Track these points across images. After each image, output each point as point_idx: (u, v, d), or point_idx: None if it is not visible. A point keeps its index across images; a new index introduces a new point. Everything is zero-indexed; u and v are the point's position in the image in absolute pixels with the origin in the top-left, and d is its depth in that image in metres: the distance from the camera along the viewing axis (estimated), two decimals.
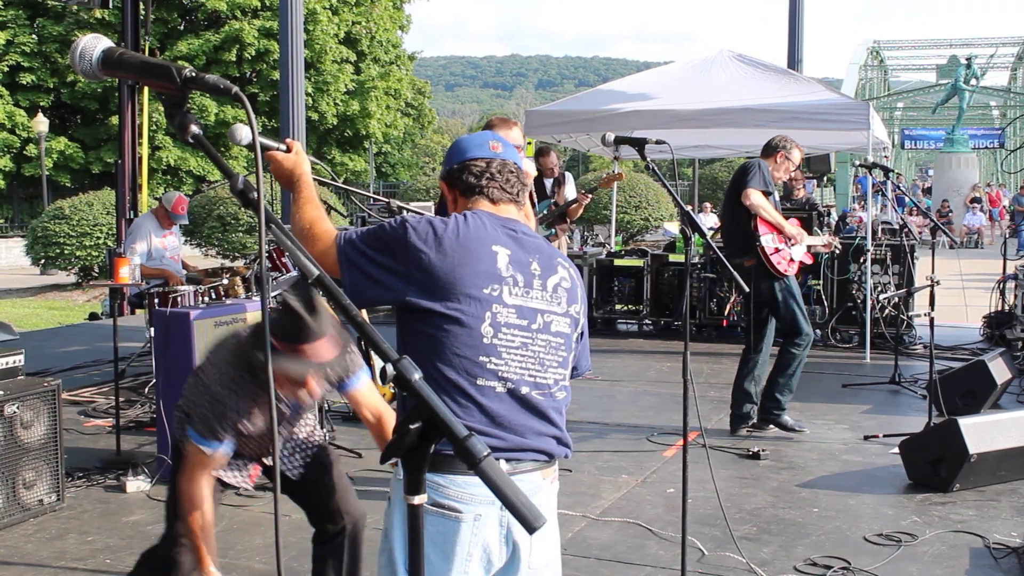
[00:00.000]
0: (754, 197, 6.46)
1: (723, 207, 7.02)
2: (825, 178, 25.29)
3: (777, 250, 6.53)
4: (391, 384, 1.47)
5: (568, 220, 8.05)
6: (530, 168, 4.32)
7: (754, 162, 6.65)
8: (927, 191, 43.07)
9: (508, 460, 2.29)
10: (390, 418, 3.43)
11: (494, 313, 2.27)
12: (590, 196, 7.64)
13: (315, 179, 2.60)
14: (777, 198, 6.79)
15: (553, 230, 7.68)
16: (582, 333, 2.52)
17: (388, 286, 2.28)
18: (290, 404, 3.42)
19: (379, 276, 2.29)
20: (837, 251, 9.03)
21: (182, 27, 34.37)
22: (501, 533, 2.28)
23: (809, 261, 7.15)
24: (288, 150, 2.44)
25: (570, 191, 8.51)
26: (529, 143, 9.80)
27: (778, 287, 6.57)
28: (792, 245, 6.63)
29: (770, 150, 6.79)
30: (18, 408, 4.87)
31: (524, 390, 2.31)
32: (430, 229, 2.29)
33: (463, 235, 2.30)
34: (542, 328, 2.35)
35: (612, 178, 7.30)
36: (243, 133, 2.31)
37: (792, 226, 6.65)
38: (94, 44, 1.75)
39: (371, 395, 3.43)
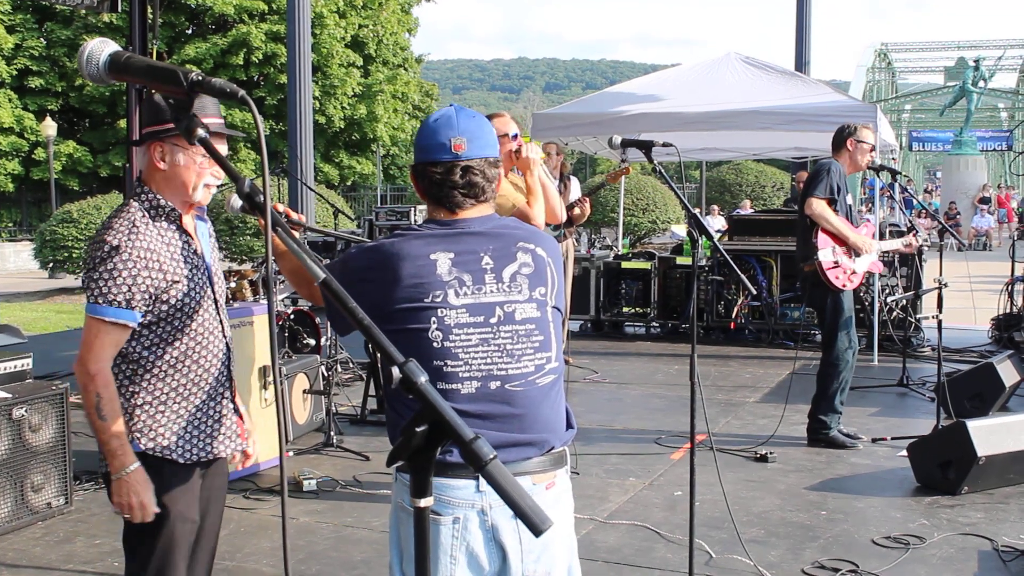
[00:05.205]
0: (816, 207, 6.19)
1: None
2: None
3: (836, 264, 6.25)
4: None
5: (573, 224, 8.04)
6: (536, 152, 4.24)
7: (824, 165, 6.35)
8: (929, 193, 43.00)
9: None
10: None
11: (440, 318, 2.27)
12: (587, 200, 7.67)
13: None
14: (849, 200, 6.42)
15: (562, 231, 7.68)
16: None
17: None
18: None
19: None
20: (926, 245, 8.67)
21: (190, 31, 34.45)
22: (485, 537, 2.26)
23: (879, 270, 6.88)
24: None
25: (575, 192, 8.53)
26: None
27: (829, 300, 6.34)
28: (857, 257, 6.35)
29: (839, 141, 6.42)
30: (26, 411, 4.89)
31: (494, 385, 2.29)
32: (363, 255, 2.35)
33: (394, 254, 2.29)
34: (504, 320, 2.33)
35: (620, 172, 7.28)
36: (235, 202, 2.47)
37: (859, 236, 6.33)
38: (101, 48, 1.76)
39: None
